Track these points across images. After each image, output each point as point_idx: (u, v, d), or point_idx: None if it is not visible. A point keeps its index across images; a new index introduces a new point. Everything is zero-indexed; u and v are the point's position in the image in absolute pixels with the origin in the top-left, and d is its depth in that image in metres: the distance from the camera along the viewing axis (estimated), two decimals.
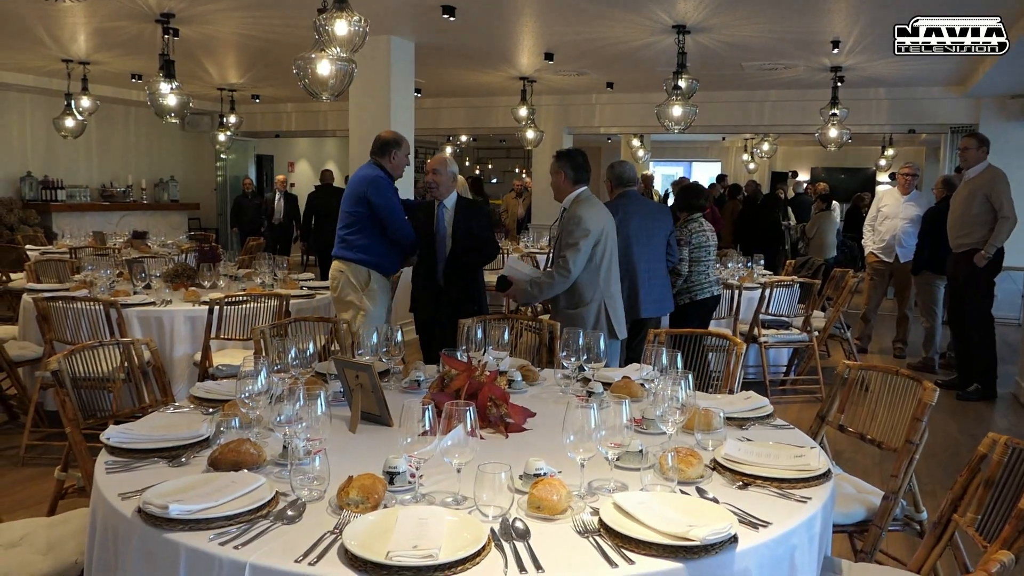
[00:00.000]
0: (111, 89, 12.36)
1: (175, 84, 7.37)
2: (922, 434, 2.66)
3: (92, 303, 4.83)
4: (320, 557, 1.71)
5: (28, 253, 8.79)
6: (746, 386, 3.63)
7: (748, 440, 2.51)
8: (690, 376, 2.46)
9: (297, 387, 2.28)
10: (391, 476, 2.08)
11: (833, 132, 9.41)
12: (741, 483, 2.18)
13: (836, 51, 8.27)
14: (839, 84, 9.41)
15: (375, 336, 3.23)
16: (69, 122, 10.17)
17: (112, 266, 6.14)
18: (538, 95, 11.76)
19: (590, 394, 2.92)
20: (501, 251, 7.61)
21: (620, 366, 4.35)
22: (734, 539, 1.81)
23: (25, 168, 12.68)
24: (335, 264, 5.33)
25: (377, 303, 5.25)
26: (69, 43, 9.11)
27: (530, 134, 11.02)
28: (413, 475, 2.08)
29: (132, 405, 3.26)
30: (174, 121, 7.81)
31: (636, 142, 16.67)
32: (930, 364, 7.82)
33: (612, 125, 13.35)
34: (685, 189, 6.59)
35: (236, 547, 1.74)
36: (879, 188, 17.68)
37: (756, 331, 6.58)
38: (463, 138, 18.92)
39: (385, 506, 1.96)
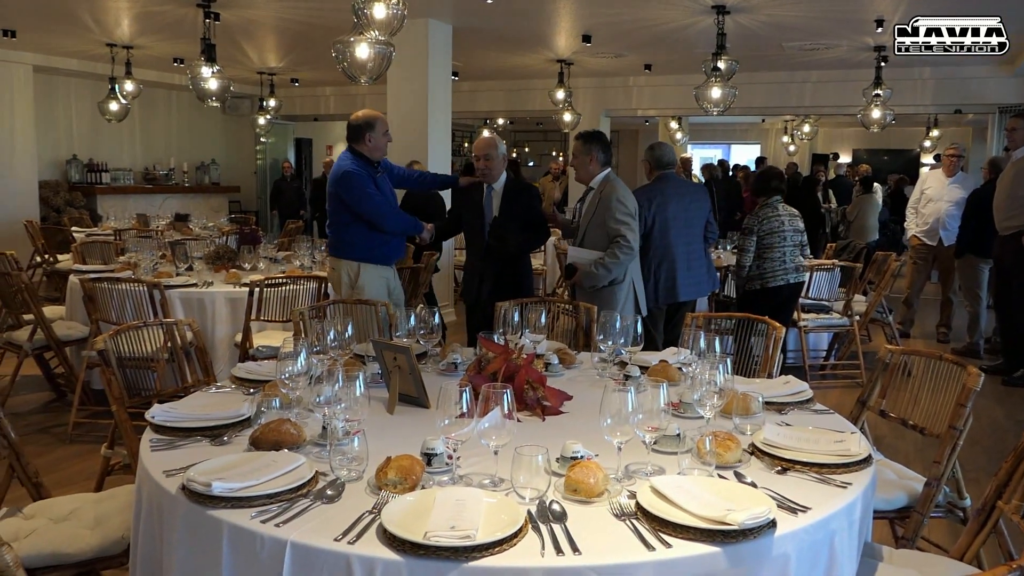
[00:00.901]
0: (154, 73, 12.53)
1: (216, 68, 7.44)
2: (966, 420, 2.61)
3: (136, 284, 4.91)
4: (359, 536, 1.73)
5: (74, 235, 8.96)
6: (785, 371, 3.59)
7: (787, 425, 2.49)
8: (728, 360, 2.44)
9: (336, 368, 2.31)
10: (429, 457, 2.10)
11: (876, 113, 9.23)
12: (780, 468, 2.17)
13: (880, 30, 8.10)
14: (883, 64, 9.22)
15: (412, 318, 3.25)
16: (113, 106, 10.34)
17: (155, 248, 6.24)
18: (575, 78, 11.68)
19: (627, 378, 2.92)
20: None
21: (659, 348, 4.36)
22: (773, 524, 1.80)
23: (71, 151, 12.92)
24: (328, 262, 5.15)
25: (365, 296, 4.80)
26: (113, 28, 9.24)
27: (567, 117, 10.98)
28: (450, 457, 2.09)
29: (175, 384, 3.32)
30: (215, 105, 7.88)
31: (674, 124, 16.51)
32: (975, 349, 7.68)
33: (650, 108, 13.25)
34: (760, 173, 6.46)
35: (277, 525, 1.77)
36: (923, 170, 17.35)
37: (796, 315, 6.50)
38: (500, 121, 18.88)
39: (423, 487, 1.98)
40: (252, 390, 2.75)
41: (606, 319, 3.08)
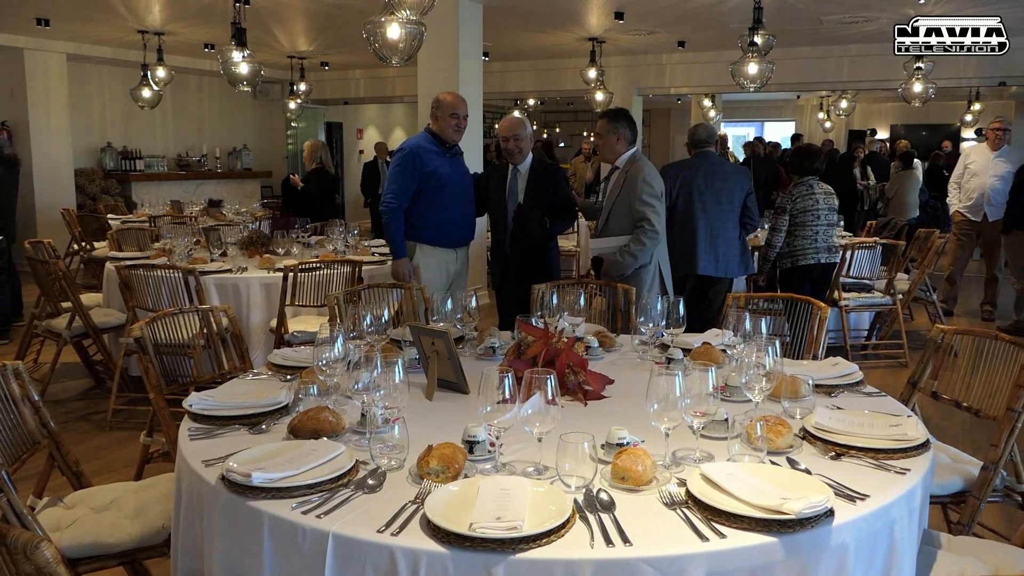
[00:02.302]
0: (185, 59, 12.55)
1: (247, 52, 7.39)
2: None
3: (171, 271, 4.91)
4: (402, 527, 1.68)
5: (110, 222, 9.02)
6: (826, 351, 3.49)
7: (838, 408, 2.41)
8: (777, 342, 2.36)
9: (374, 354, 2.26)
10: (471, 445, 2.05)
11: (917, 87, 9.01)
12: (834, 453, 2.09)
13: (922, 1, 7.87)
14: None
15: (450, 302, 3.19)
16: (146, 92, 10.35)
17: (189, 234, 6.25)
18: (607, 56, 11.53)
19: (669, 360, 2.84)
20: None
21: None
22: (831, 513, 1.73)
23: (105, 139, 13.02)
24: None
25: (420, 279, 4.74)
26: (144, 14, 9.26)
27: (599, 96, 10.83)
28: (493, 444, 2.04)
29: (212, 371, 3.30)
30: (246, 89, 7.85)
31: (707, 103, 16.26)
32: (1022, 327, 7.49)
33: (683, 85, 13.03)
34: (797, 151, 6.40)
35: (319, 516, 1.73)
36: (963, 144, 16.97)
37: (836, 294, 6.38)
38: (531, 101, 18.74)
39: (465, 475, 1.93)
40: (289, 377, 2.72)
41: (647, 301, 3.01)
